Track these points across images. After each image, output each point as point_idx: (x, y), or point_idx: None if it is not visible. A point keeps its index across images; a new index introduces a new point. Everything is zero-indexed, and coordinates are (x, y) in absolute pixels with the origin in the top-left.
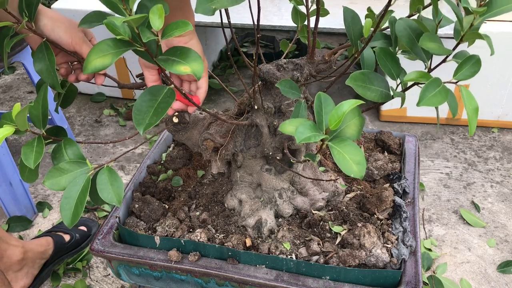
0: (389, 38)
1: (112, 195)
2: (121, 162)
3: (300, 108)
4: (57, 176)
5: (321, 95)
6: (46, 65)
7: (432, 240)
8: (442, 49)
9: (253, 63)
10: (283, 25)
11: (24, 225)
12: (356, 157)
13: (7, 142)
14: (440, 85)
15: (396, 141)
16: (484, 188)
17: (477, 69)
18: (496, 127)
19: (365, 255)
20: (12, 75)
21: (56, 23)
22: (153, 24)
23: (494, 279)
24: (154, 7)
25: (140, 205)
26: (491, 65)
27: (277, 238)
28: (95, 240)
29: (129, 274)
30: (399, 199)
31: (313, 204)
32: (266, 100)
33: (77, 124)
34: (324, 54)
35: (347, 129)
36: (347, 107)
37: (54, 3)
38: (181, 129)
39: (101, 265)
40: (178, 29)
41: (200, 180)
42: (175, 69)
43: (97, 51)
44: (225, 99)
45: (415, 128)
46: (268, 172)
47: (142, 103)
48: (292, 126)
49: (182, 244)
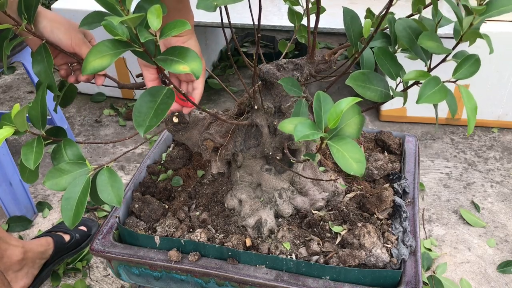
0: (388, 37)
1: (112, 196)
2: (121, 162)
3: (301, 106)
4: (57, 176)
5: (320, 94)
6: (44, 67)
7: (432, 240)
8: (442, 48)
9: (253, 63)
10: (283, 25)
11: (24, 225)
12: (355, 155)
13: (7, 142)
14: (439, 83)
15: (396, 141)
16: (484, 188)
17: (476, 69)
18: (496, 127)
19: (365, 255)
20: (12, 75)
21: (56, 25)
22: (151, 24)
23: (494, 279)
24: (152, 7)
25: (140, 205)
26: (491, 65)
27: (277, 238)
28: (95, 240)
29: (129, 274)
30: (399, 199)
31: (313, 204)
32: (266, 100)
33: (77, 124)
34: (324, 54)
35: (347, 128)
36: (345, 105)
37: (54, 3)
38: (181, 129)
39: (101, 265)
40: (176, 29)
41: (200, 180)
42: (174, 68)
43: (95, 52)
44: (225, 99)
45: (415, 128)
46: (268, 172)
47: (142, 104)
48: (291, 124)
49: (182, 244)
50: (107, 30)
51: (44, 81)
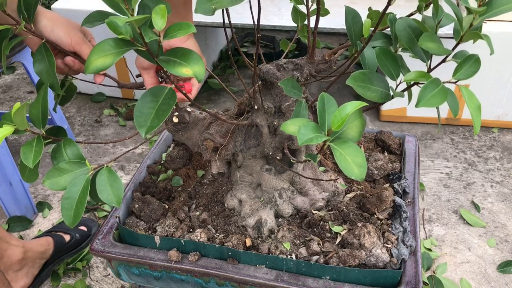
0: (389, 37)
1: (111, 196)
2: (121, 162)
3: (300, 107)
4: (56, 176)
5: (324, 96)
6: (45, 66)
7: (432, 240)
8: (442, 49)
9: (253, 63)
10: (283, 25)
11: (24, 225)
12: (357, 159)
13: (7, 142)
14: (439, 85)
15: (396, 141)
16: (484, 188)
17: (476, 69)
18: (496, 127)
19: (365, 255)
20: (12, 75)
21: (56, 24)
22: (156, 24)
23: (494, 279)
24: (157, 8)
25: (140, 205)
26: (491, 65)
27: (277, 238)
28: (95, 240)
29: (129, 274)
30: (399, 199)
31: (313, 204)
32: (266, 100)
33: (77, 124)
34: (324, 54)
35: (349, 131)
36: (350, 109)
37: (54, 3)
38: (181, 129)
39: (101, 265)
40: (181, 31)
41: (200, 180)
42: (176, 71)
43: (98, 51)
44: (225, 99)
45: (415, 128)
46: (268, 172)
47: (143, 104)
48: (294, 126)
49: (182, 244)
50: (110, 28)
51: (46, 80)
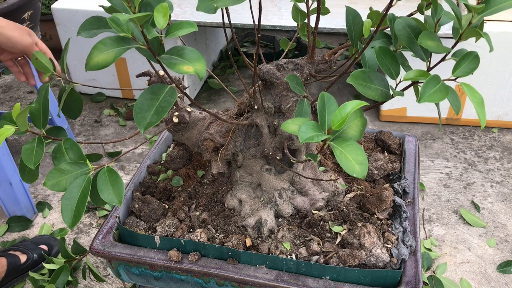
0: (389, 37)
1: (112, 196)
2: (121, 162)
3: (303, 105)
4: (57, 177)
5: (324, 95)
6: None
7: (432, 240)
8: (441, 47)
9: (253, 63)
10: (283, 25)
11: (24, 225)
12: (358, 157)
13: (7, 142)
14: (439, 82)
15: (396, 141)
16: (484, 188)
17: (475, 66)
18: (496, 127)
19: (365, 255)
20: (12, 75)
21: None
22: (157, 22)
23: (494, 279)
24: (159, 6)
25: (140, 205)
26: (491, 65)
27: (277, 238)
28: (95, 240)
29: (129, 274)
30: (399, 199)
31: (313, 204)
32: (266, 100)
33: (77, 124)
34: (324, 54)
35: (349, 130)
36: (351, 108)
37: (53, 4)
38: (181, 129)
39: (101, 265)
40: (182, 29)
41: (200, 180)
42: (178, 69)
43: (100, 47)
44: (225, 99)
45: (415, 128)
46: (268, 172)
47: (143, 101)
48: (294, 125)
49: (182, 244)
50: (112, 26)
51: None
